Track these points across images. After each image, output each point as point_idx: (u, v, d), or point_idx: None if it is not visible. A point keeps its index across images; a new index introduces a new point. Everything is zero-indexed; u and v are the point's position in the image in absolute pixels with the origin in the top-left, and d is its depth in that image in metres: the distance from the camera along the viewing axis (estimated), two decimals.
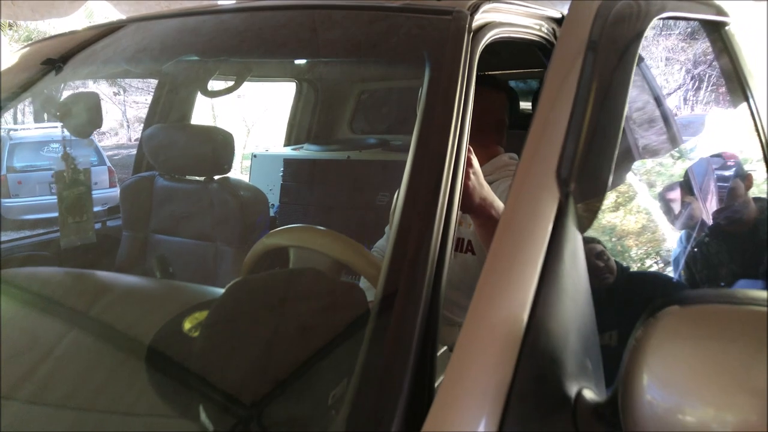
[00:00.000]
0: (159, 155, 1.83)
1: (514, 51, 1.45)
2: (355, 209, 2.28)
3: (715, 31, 1.40)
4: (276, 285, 0.88)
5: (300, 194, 2.49)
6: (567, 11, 0.94)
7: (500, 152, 1.57)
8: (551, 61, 0.84)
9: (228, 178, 1.80)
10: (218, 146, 1.74)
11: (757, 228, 1.70)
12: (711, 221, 1.61)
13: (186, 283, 1.41)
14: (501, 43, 1.01)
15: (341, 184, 2.49)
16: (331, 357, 0.68)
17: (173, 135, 1.90)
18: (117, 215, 2.09)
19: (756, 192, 1.71)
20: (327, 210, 2.42)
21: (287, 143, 3.11)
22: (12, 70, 1.40)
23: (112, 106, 13.52)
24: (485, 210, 1.05)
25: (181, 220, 1.83)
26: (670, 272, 1.43)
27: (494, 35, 0.96)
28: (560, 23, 1.21)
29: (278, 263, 1.02)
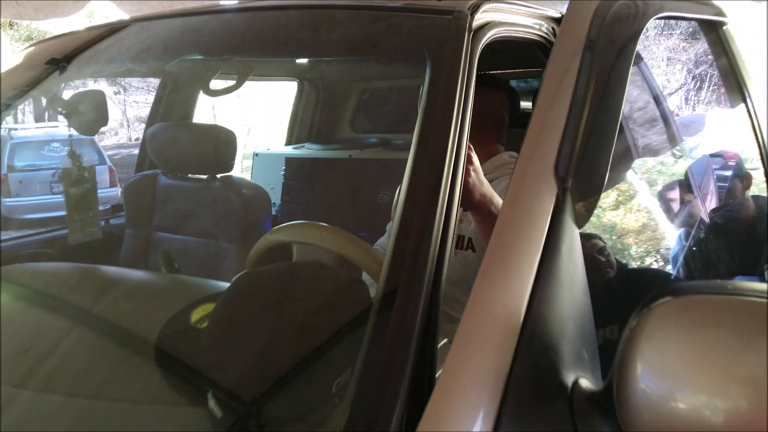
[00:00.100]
0: (162, 154, 1.84)
1: (515, 50, 1.46)
2: (357, 208, 2.29)
3: (713, 31, 1.41)
4: (283, 277, 0.89)
5: (301, 193, 2.51)
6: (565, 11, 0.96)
7: (500, 150, 1.58)
8: (550, 60, 0.85)
9: (231, 176, 1.81)
10: (221, 144, 1.75)
11: (755, 226, 1.71)
12: (709, 219, 1.63)
13: (192, 277, 1.42)
14: (501, 43, 1.02)
15: (342, 183, 2.50)
16: (336, 347, 0.70)
17: (176, 133, 1.90)
18: (120, 213, 2.11)
19: (755, 191, 1.73)
20: (328, 208, 2.43)
21: (289, 142, 3.12)
22: (16, 70, 1.42)
23: (113, 106, 13.50)
24: (485, 206, 1.07)
25: (184, 218, 1.84)
26: (669, 269, 1.44)
27: (494, 35, 0.96)
28: (560, 23, 1.22)
29: (281, 259, 1.03)
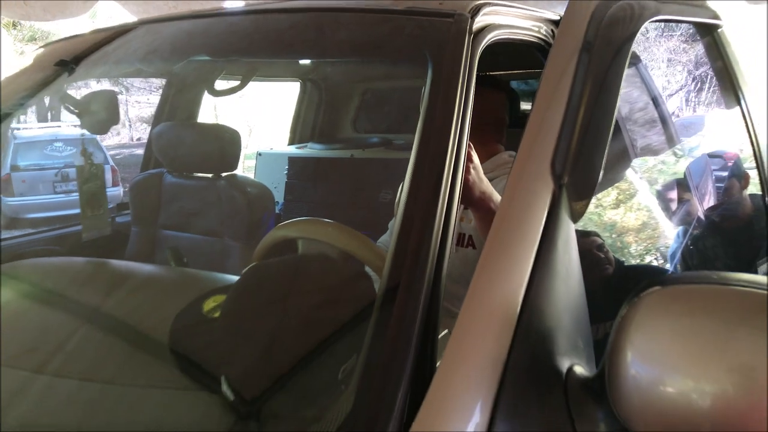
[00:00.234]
0: (168, 153, 1.87)
1: (515, 52, 1.49)
2: (359, 206, 2.32)
3: (708, 34, 1.44)
4: (292, 269, 0.92)
5: (304, 191, 2.53)
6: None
7: (500, 150, 1.61)
8: (548, 61, 0.88)
9: (235, 175, 1.83)
10: (226, 144, 1.78)
11: (751, 223, 1.74)
12: (707, 218, 1.65)
13: (202, 271, 1.45)
14: (501, 44, 1.04)
15: (345, 182, 2.53)
16: (343, 336, 0.73)
17: (182, 133, 1.93)
18: (124, 212, 2.14)
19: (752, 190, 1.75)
20: (331, 207, 2.46)
21: (291, 142, 3.15)
22: (26, 71, 1.45)
23: None
24: (485, 203, 1.10)
25: (190, 216, 1.87)
26: (667, 266, 1.46)
27: (494, 37, 0.99)
28: (558, 25, 1.24)
29: (287, 254, 1.06)
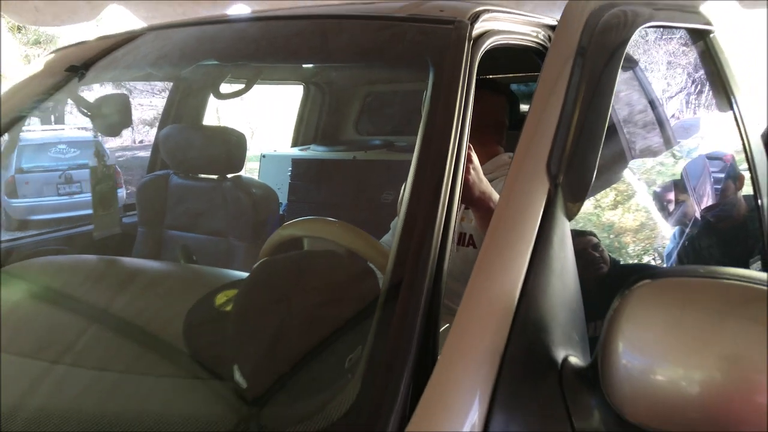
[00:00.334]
0: (174, 154, 1.91)
1: (516, 55, 1.52)
2: (361, 207, 2.36)
3: (701, 39, 1.48)
4: (302, 265, 0.96)
5: (307, 193, 2.57)
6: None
7: (500, 152, 1.64)
8: (544, 66, 0.91)
9: (240, 177, 1.87)
10: (232, 146, 1.82)
11: (746, 224, 1.77)
12: (702, 218, 1.68)
13: (212, 268, 1.49)
14: (501, 49, 1.07)
15: (347, 184, 2.57)
16: (350, 328, 0.76)
17: (188, 135, 1.97)
18: (130, 213, 2.17)
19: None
20: (334, 208, 2.50)
21: (294, 144, 3.19)
22: (37, 77, 1.48)
23: None
24: (484, 203, 1.14)
25: (196, 217, 1.90)
26: (663, 266, 1.49)
27: (493, 42, 1.02)
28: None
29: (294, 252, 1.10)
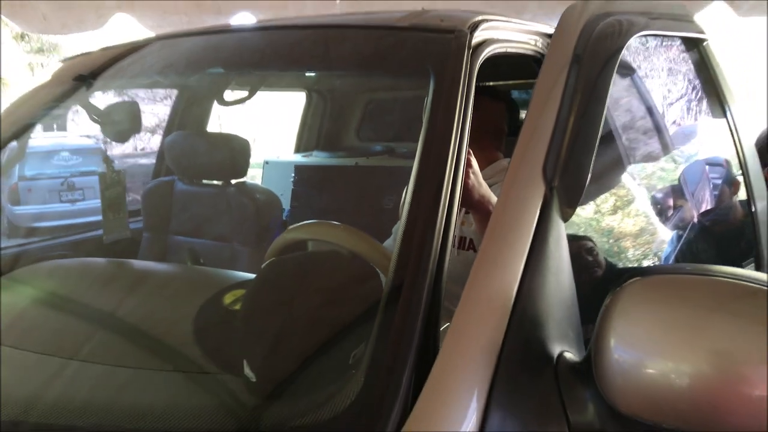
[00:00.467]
0: (179, 161, 1.94)
1: (515, 63, 1.55)
2: (363, 212, 2.39)
3: (694, 47, 1.51)
4: (308, 265, 0.99)
5: (310, 198, 2.60)
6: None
7: (499, 157, 1.67)
8: (540, 72, 0.94)
9: (245, 183, 1.90)
10: (236, 152, 1.85)
11: (742, 228, 1.80)
12: (699, 223, 1.71)
13: (220, 270, 1.52)
14: (500, 57, 1.10)
15: (349, 189, 2.60)
16: (355, 325, 0.79)
17: (193, 142, 2.00)
18: (134, 218, 2.20)
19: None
20: (336, 213, 2.52)
21: (297, 150, 3.23)
22: (45, 86, 1.52)
23: None
24: (483, 206, 1.17)
25: (200, 222, 1.93)
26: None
27: (492, 50, 1.04)
28: None
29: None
